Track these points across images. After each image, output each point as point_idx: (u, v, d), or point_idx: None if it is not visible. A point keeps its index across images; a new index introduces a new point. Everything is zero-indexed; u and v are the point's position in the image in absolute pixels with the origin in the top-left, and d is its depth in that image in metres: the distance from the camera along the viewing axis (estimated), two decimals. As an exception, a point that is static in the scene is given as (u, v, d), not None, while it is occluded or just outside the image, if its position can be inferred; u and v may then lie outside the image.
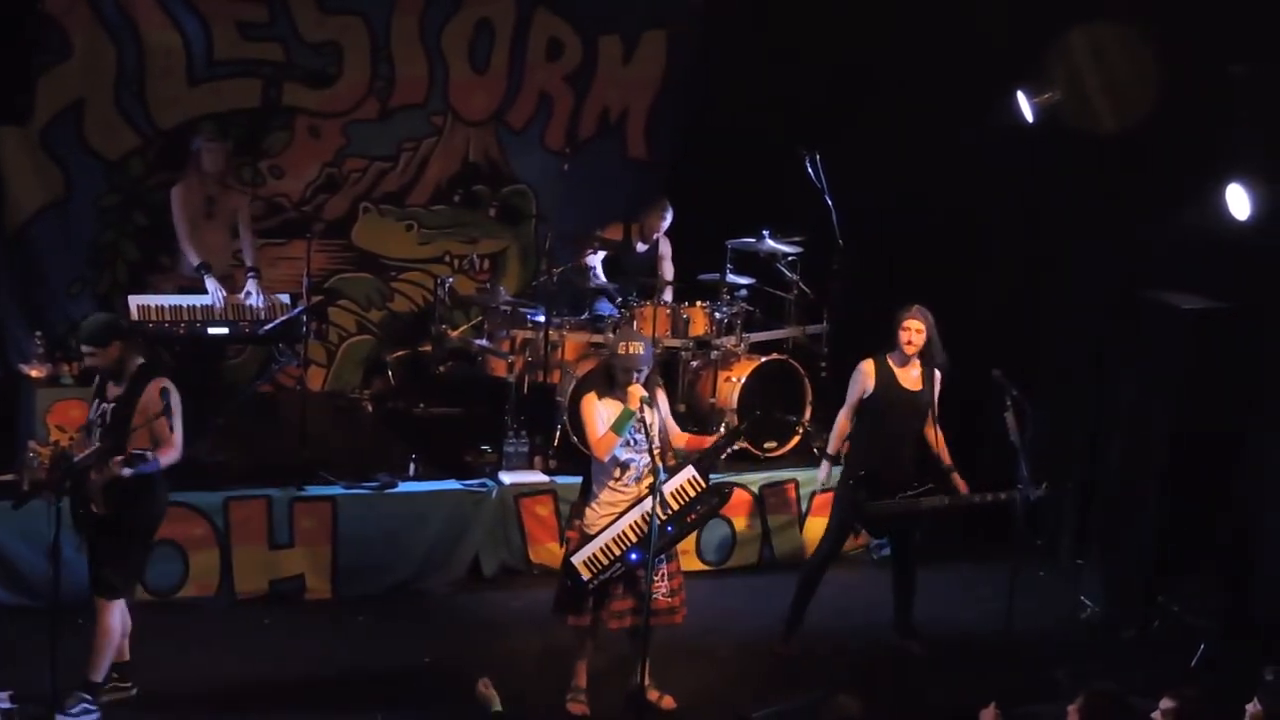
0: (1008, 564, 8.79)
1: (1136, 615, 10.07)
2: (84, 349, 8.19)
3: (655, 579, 8.36)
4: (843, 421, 9.58)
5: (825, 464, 9.79)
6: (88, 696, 8.14)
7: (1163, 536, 10.05)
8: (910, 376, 9.43)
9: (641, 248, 11.83)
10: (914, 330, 9.31)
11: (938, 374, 9.48)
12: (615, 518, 8.36)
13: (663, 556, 8.40)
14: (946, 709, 8.71)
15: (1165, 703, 6.58)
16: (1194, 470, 9.92)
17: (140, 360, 8.16)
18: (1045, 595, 10.46)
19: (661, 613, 8.44)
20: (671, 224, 11.85)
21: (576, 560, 8.35)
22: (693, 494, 8.44)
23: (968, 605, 10.28)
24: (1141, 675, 8.40)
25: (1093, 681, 6.82)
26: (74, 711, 8.06)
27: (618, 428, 8.28)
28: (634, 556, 8.29)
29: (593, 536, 8.36)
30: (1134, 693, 6.82)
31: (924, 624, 9.75)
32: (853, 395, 9.51)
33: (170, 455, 8.07)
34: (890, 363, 9.42)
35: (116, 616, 8.23)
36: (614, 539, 8.33)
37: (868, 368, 9.45)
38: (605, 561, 8.32)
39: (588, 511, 8.48)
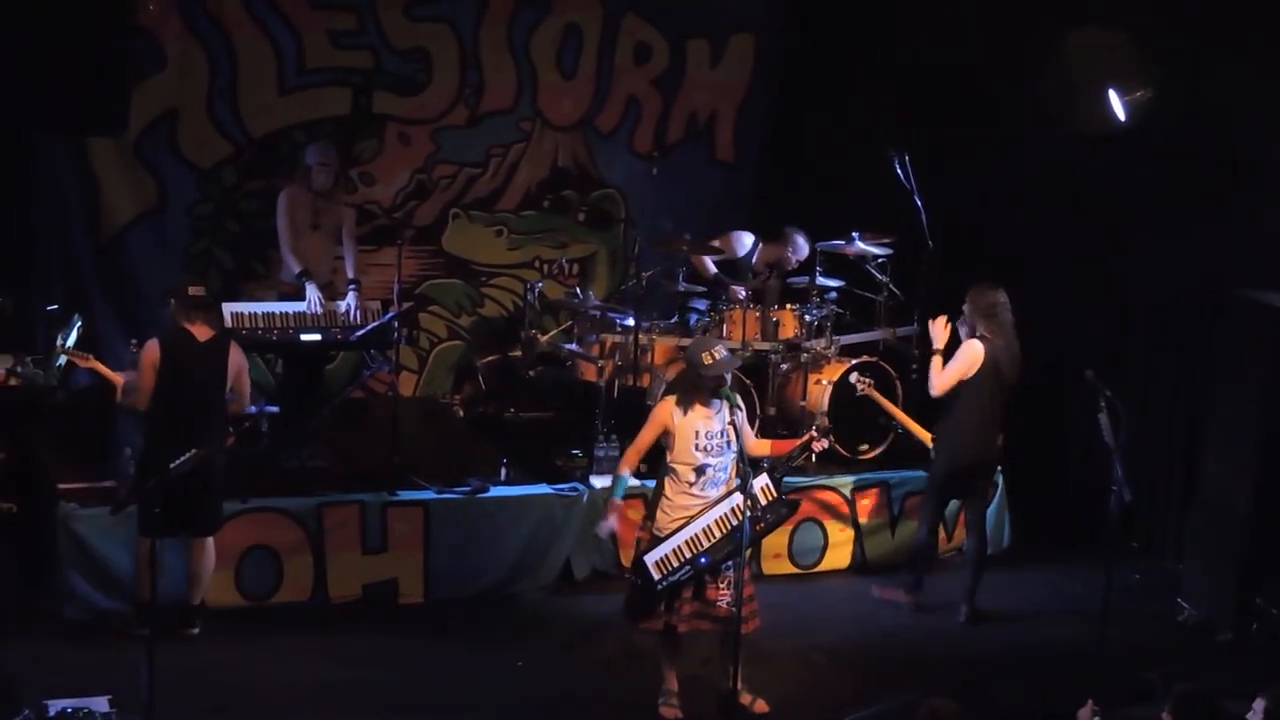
0: (1102, 565, 8.70)
1: (1233, 618, 9.95)
2: None
3: (721, 586, 8.36)
4: None
5: None
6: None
7: (1259, 538, 9.91)
8: None
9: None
10: None
11: None
12: (687, 521, 8.33)
13: (728, 564, 8.36)
14: (1040, 711, 8.63)
15: (1259, 703, 6.49)
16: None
17: None
18: (1141, 597, 10.35)
19: (722, 620, 8.39)
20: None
21: (649, 560, 8.32)
22: (763, 502, 8.40)
23: (1061, 606, 10.20)
24: (1238, 678, 8.28)
25: (1183, 683, 6.75)
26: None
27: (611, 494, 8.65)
28: (704, 560, 8.28)
29: (664, 538, 8.34)
30: (1230, 696, 6.74)
31: (1014, 625, 9.67)
32: None
33: None
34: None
35: None
36: (686, 541, 8.29)
37: None
38: (676, 564, 8.29)
39: (659, 514, 8.44)
